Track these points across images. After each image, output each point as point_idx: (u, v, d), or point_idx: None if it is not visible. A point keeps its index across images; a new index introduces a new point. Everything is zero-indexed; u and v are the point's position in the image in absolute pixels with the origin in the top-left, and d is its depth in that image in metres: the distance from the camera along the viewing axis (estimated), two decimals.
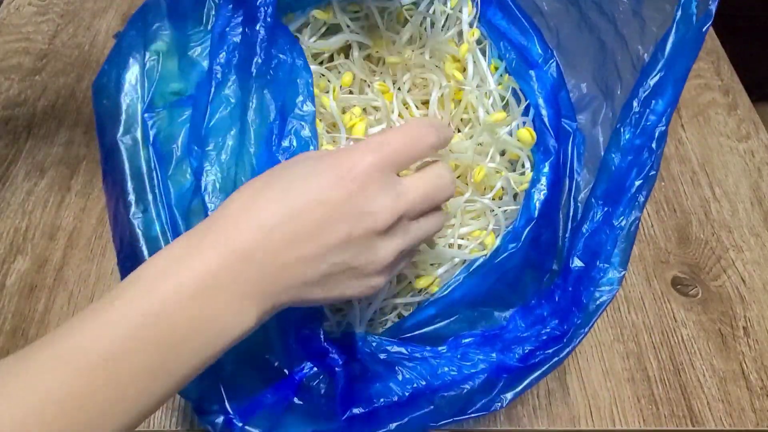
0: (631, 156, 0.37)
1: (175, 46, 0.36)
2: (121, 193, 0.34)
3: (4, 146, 0.60)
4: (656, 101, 0.36)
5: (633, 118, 0.37)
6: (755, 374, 0.49)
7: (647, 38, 0.40)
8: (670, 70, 0.36)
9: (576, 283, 0.37)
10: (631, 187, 0.37)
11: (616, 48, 0.42)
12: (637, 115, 0.37)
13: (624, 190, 0.37)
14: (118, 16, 0.73)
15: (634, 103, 0.37)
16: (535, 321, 0.38)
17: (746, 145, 0.64)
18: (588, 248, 0.38)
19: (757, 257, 0.56)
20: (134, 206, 0.33)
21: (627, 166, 0.37)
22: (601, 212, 0.38)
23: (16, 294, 0.51)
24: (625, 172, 0.37)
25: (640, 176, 0.37)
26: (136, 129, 0.34)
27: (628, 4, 0.41)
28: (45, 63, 0.67)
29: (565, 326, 0.36)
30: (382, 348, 0.37)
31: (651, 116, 0.36)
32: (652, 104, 0.37)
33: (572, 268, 0.38)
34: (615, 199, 0.37)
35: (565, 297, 0.37)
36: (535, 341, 0.36)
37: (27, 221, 0.55)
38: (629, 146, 0.37)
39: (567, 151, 0.41)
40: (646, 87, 0.37)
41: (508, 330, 0.38)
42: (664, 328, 0.52)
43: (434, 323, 0.38)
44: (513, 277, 0.38)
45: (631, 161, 0.37)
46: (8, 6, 0.73)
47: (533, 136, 0.41)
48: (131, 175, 0.34)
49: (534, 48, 0.45)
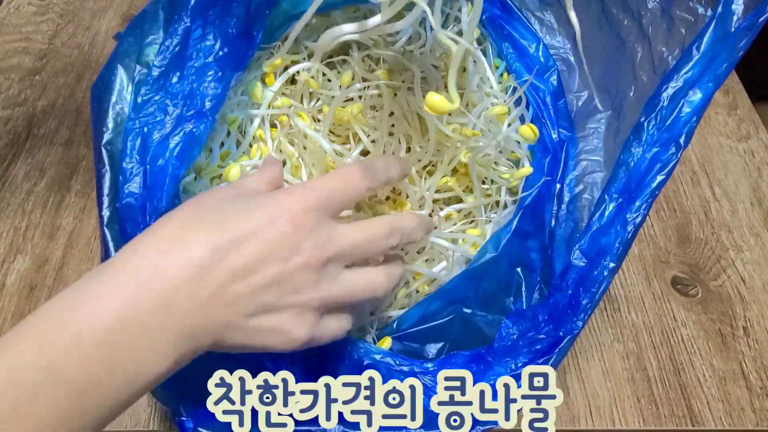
0: (656, 150, 0.36)
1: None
2: (99, 202, 0.34)
3: (4, 146, 0.60)
4: (690, 95, 0.35)
5: (660, 113, 0.36)
6: (755, 374, 0.49)
7: (674, 39, 0.38)
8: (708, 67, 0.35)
9: (576, 284, 0.36)
10: (652, 181, 0.35)
11: (637, 47, 0.41)
12: (664, 110, 0.36)
13: (643, 184, 0.35)
14: (118, 16, 0.73)
15: (663, 96, 0.35)
16: (529, 327, 0.36)
17: (746, 145, 0.64)
18: (594, 245, 0.36)
19: (757, 257, 0.56)
20: (108, 217, 0.33)
21: (649, 160, 0.36)
22: (615, 206, 0.36)
23: (16, 294, 0.51)
24: (647, 166, 0.36)
25: (663, 171, 0.35)
26: (119, 138, 0.34)
27: (657, 2, 0.40)
28: (45, 63, 0.67)
29: (561, 332, 0.34)
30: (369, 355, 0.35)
31: (685, 109, 0.35)
32: (683, 99, 0.35)
33: (574, 265, 0.36)
34: (631, 193, 0.36)
35: (563, 299, 0.36)
36: (527, 352, 0.35)
37: (27, 221, 0.55)
38: (653, 140, 0.36)
39: (560, 158, 0.41)
40: (677, 82, 0.35)
41: (498, 336, 0.37)
42: (664, 327, 0.52)
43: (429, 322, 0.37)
44: (503, 275, 0.38)
45: (654, 155, 0.35)
46: (8, 6, 0.73)
47: (535, 132, 0.41)
48: (110, 184, 0.34)
49: (537, 55, 0.45)
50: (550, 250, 0.40)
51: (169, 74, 0.36)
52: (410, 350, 0.37)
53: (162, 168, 0.34)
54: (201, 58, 0.36)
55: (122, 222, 0.33)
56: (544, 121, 0.43)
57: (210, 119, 0.36)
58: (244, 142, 0.44)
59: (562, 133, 0.43)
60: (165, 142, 0.34)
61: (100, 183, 0.34)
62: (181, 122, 0.35)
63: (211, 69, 0.36)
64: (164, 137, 0.35)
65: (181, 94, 0.35)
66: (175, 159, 0.34)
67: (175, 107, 0.35)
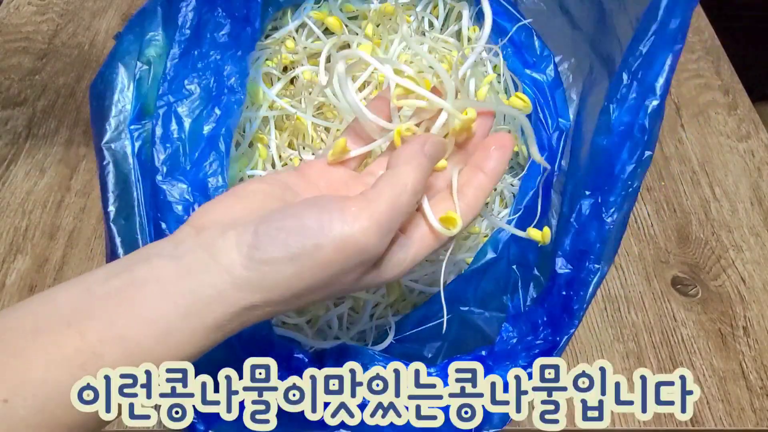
0: (621, 136, 0.32)
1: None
2: (104, 199, 0.33)
3: (4, 146, 0.60)
4: (647, 71, 0.31)
5: (622, 93, 0.32)
6: (755, 374, 0.49)
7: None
8: (662, 33, 0.31)
9: (566, 288, 0.35)
10: (622, 172, 0.32)
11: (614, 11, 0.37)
12: (625, 89, 0.32)
13: (614, 177, 0.33)
14: (118, 15, 0.73)
15: (623, 75, 0.32)
16: (528, 330, 0.36)
17: (746, 145, 0.64)
18: (575, 248, 0.34)
19: (757, 257, 0.56)
20: (115, 213, 0.33)
21: (616, 148, 0.32)
22: (590, 205, 0.34)
23: (16, 294, 0.51)
24: (614, 155, 0.33)
25: (632, 159, 0.32)
26: (123, 137, 0.34)
27: None
28: (45, 63, 0.67)
29: (558, 336, 0.34)
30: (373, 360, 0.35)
31: (639, 88, 0.32)
32: (641, 75, 0.32)
33: (558, 273, 0.35)
34: (604, 188, 0.33)
35: (556, 303, 0.35)
36: (526, 356, 0.34)
37: (27, 221, 0.55)
38: (618, 125, 0.32)
39: (559, 149, 0.41)
40: (637, 55, 0.32)
41: (500, 340, 0.36)
42: (664, 327, 0.52)
43: (428, 322, 0.37)
44: (501, 274, 0.38)
45: (620, 142, 0.32)
46: (8, 5, 0.73)
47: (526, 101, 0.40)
48: (116, 182, 0.33)
49: (532, 46, 0.45)
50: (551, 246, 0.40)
51: (191, 51, 0.35)
52: (410, 351, 0.37)
53: (210, 140, 0.34)
54: (217, 36, 0.36)
55: (165, 201, 0.32)
56: (543, 122, 0.43)
57: (242, 94, 0.36)
58: (243, 143, 0.43)
59: (561, 123, 0.42)
60: (200, 118, 0.34)
61: (104, 179, 0.34)
62: (213, 98, 0.35)
63: (229, 47, 0.36)
64: (199, 114, 0.34)
65: (208, 69, 0.35)
66: (224, 134, 0.34)
67: (205, 81, 0.35)
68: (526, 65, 0.44)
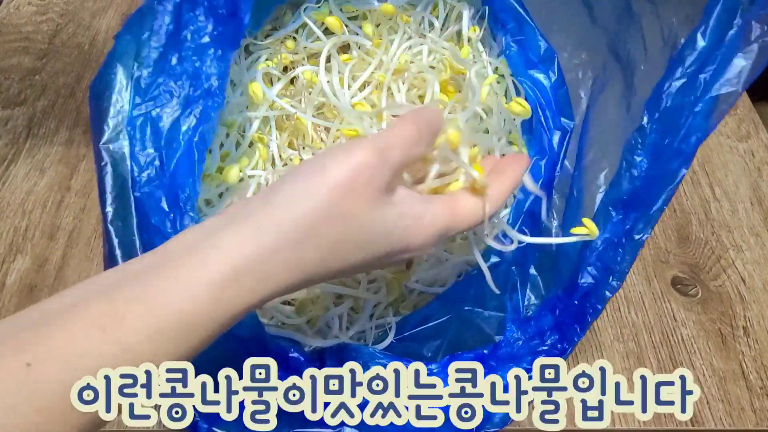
0: (662, 160, 0.32)
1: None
2: (102, 200, 0.33)
3: (3, 146, 0.60)
4: (697, 99, 0.31)
5: (664, 115, 0.32)
6: (755, 374, 0.49)
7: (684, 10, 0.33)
8: (716, 58, 0.30)
9: (583, 299, 0.35)
10: (659, 196, 0.32)
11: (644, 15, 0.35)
12: (669, 112, 0.31)
13: (650, 200, 0.33)
14: (118, 15, 0.73)
15: (663, 97, 0.31)
16: (534, 334, 0.36)
17: (746, 145, 0.64)
18: (603, 263, 0.34)
19: (757, 257, 0.56)
20: (113, 214, 0.33)
21: (656, 172, 0.32)
22: (620, 223, 0.34)
23: (16, 294, 0.51)
24: (653, 179, 0.32)
25: (672, 186, 0.32)
26: (121, 138, 0.34)
27: None
28: (45, 63, 0.67)
29: (565, 344, 0.34)
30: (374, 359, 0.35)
31: (689, 116, 0.31)
32: (689, 100, 0.31)
33: (580, 285, 0.34)
34: (638, 209, 0.33)
35: (569, 312, 0.35)
36: (531, 360, 0.34)
37: (27, 221, 0.55)
38: (658, 148, 0.32)
39: (562, 149, 0.41)
40: (679, 76, 0.31)
41: (504, 341, 0.36)
42: (664, 327, 0.52)
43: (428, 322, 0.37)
44: (501, 275, 0.38)
45: (660, 166, 0.32)
46: (8, 5, 0.73)
47: (525, 106, 0.40)
48: (113, 183, 0.33)
49: (536, 44, 0.44)
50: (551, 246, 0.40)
51: (168, 56, 0.35)
52: (409, 350, 0.37)
53: (184, 151, 0.34)
54: (197, 38, 0.36)
55: (144, 212, 0.32)
56: (543, 123, 0.43)
57: (220, 98, 0.35)
58: (243, 144, 0.44)
59: (564, 122, 0.42)
60: (177, 124, 0.34)
61: (102, 180, 0.34)
62: (190, 103, 0.35)
63: (210, 48, 0.36)
64: (176, 120, 0.34)
65: (185, 74, 0.35)
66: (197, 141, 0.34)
67: (181, 88, 0.35)
68: (529, 65, 0.43)
